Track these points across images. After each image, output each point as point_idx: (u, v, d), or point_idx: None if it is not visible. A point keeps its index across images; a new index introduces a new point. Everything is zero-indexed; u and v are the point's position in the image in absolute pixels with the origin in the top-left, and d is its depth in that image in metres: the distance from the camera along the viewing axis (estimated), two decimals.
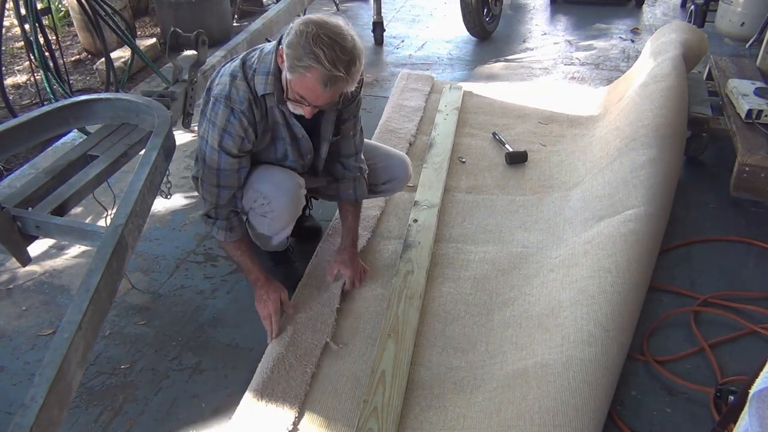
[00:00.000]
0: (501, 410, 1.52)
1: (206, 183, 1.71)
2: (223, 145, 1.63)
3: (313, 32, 1.41)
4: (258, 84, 1.59)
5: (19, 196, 1.56)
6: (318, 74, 1.43)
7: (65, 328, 1.19)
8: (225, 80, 1.61)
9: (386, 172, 2.03)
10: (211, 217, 1.77)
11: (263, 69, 1.59)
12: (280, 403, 1.59)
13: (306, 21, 1.45)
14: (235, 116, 1.59)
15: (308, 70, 1.43)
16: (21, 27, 2.83)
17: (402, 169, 2.05)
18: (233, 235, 1.79)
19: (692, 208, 2.41)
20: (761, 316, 1.88)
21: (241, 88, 1.59)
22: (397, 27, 4.56)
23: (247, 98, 1.59)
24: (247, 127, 1.62)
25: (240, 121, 1.60)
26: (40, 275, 2.13)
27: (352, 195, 1.93)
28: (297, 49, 1.43)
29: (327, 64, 1.41)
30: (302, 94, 1.51)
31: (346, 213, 1.98)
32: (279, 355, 1.71)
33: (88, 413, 1.64)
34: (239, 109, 1.59)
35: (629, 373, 1.71)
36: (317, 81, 1.45)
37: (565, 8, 4.95)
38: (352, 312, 1.91)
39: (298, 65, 1.43)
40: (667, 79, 2.59)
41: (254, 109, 1.61)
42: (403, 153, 2.13)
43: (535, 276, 1.98)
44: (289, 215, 1.82)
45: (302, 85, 1.48)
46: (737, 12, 3.57)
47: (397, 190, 2.14)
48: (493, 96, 3.29)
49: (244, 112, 1.60)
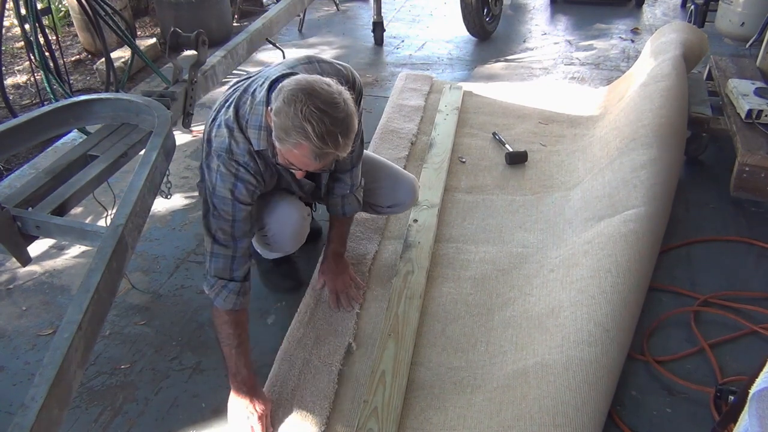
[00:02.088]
0: (501, 410, 1.52)
1: (219, 237, 1.56)
2: (236, 195, 1.53)
3: (302, 102, 1.30)
4: (253, 139, 1.51)
5: (19, 196, 1.56)
6: (306, 150, 1.33)
7: (65, 328, 1.19)
8: (223, 132, 1.52)
9: (393, 196, 1.98)
10: (222, 278, 1.56)
11: (255, 122, 1.49)
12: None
13: (296, 87, 1.33)
14: (242, 167, 1.52)
15: (296, 147, 1.34)
16: (21, 27, 2.83)
17: (409, 194, 1.99)
18: (244, 302, 1.59)
19: (692, 208, 2.41)
20: (761, 316, 1.88)
21: (240, 140, 1.51)
22: (397, 27, 4.56)
23: (247, 150, 1.51)
24: (255, 174, 1.54)
25: (247, 172, 1.52)
26: (40, 275, 2.13)
27: (340, 211, 1.86)
28: (285, 121, 1.32)
29: (316, 140, 1.30)
30: (293, 162, 1.42)
31: (333, 224, 1.94)
32: (304, 360, 1.72)
33: (88, 413, 1.64)
34: (243, 162, 1.51)
35: (629, 373, 1.71)
36: (308, 156, 1.35)
37: (565, 8, 4.95)
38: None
39: (286, 139, 1.33)
40: (667, 79, 2.59)
41: (257, 159, 1.54)
42: (412, 176, 2.04)
43: (535, 276, 1.98)
44: (292, 246, 1.81)
45: (292, 157, 1.39)
46: (737, 12, 3.57)
47: (401, 212, 2.12)
48: (493, 96, 3.29)
49: (248, 163, 1.52)
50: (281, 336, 1.81)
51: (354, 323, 1.85)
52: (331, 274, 1.93)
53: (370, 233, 2.23)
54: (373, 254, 2.13)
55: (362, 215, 2.30)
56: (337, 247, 1.94)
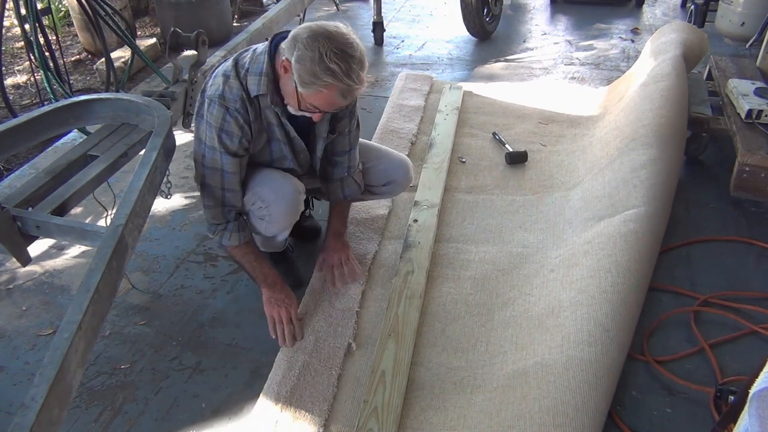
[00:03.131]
0: (501, 410, 1.52)
1: (210, 187, 1.70)
2: (223, 142, 1.62)
3: (324, 47, 1.42)
4: (251, 84, 1.60)
5: (19, 196, 1.56)
6: (336, 89, 1.47)
7: (65, 328, 1.19)
8: (218, 80, 1.62)
9: (386, 174, 2.03)
10: (220, 223, 1.74)
11: (256, 69, 1.59)
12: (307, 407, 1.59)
13: (313, 34, 1.45)
14: (230, 114, 1.60)
15: (326, 87, 1.46)
16: (21, 27, 2.83)
17: (402, 172, 2.04)
18: (245, 236, 1.77)
19: (692, 208, 2.41)
20: (761, 316, 1.88)
21: (234, 86, 1.60)
22: (397, 27, 4.56)
23: (240, 97, 1.59)
24: (243, 125, 1.62)
25: (235, 120, 1.61)
26: (40, 275, 2.13)
27: (341, 194, 1.95)
28: (311, 66, 1.43)
29: (345, 79, 1.44)
30: (318, 105, 1.54)
31: (333, 207, 2.01)
32: (304, 362, 1.71)
33: (88, 413, 1.64)
34: (233, 108, 1.59)
35: (629, 373, 1.71)
36: (335, 95, 1.49)
37: (565, 8, 4.95)
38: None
39: (315, 83, 1.45)
40: (667, 79, 2.59)
41: (248, 107, 1.61)
42: (404, 156, 2.12)
43: (535, 276, 1.98)
44: (287, 220, 1.82)
45: (319, 99, 1.51)
46: (737, 12, 3.57)
47: (397, 193, 2.14)
48: (493, 96, 3.29)
49: (239, 110, 1.60)
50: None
51: (354, 323, 1.85)
52: (330, 251, 1.98)
53: (370, 233, 2.23)
54: (373, 254, 2.13)
55: (361, 215, 2.30)
56: (338, 227, 2.00)
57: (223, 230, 1.74)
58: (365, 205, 2.33)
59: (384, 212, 2.34)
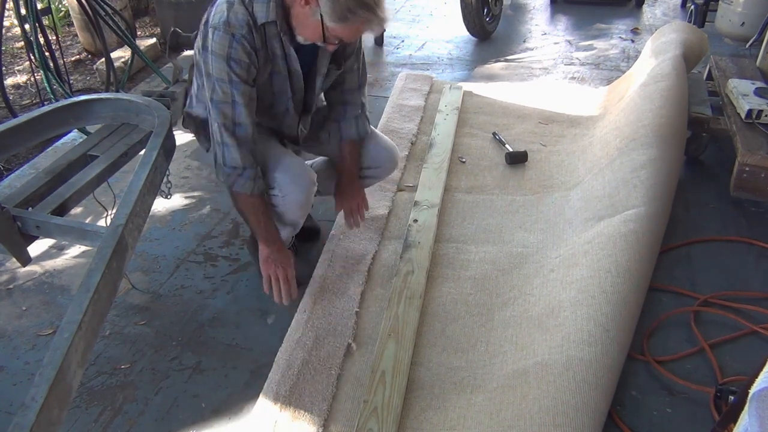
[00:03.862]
0: (501, 410, 1.52)
1: (225, 126, 1.60)
2: (233, 70, 1.54)
3: None
4: (258, 11, 1.54)
5: (19, 196, 1.56)
6: (369, 23, 1.51)
7: (65, 328, 1.19)
8: (222, 8, 1.55)
9: (370, 156, 2.00)
10: (236, 167, 1.63)
11: None
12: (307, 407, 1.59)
13: None
14: (237, 41, 1.53)
15: (362, 23, 1.50)
16: (21, 27, 2.83)
17: (388, 156, 2.02)
18: (259, 185, 1.68)
19: (692, 208, 2.41)
20: (761, 316, 1.88)
21: (240, 12, 1.53)
22: (397, 27, 4.56)
23: (246, 22, 1.53)
24: (250, 51, 1.55)
25: (242, 46, 1.54)
26: (40, 275, 2.14)
27: (355, 132, 1.91)
28: (346, 2, 1.45)
29: (378, 11, 1.49)
30: (343, 37, 1.55)
31: (345, 150, 1.94)
32: (303, 361, 1.71)
33: (88, 413, 1.64)
34: (240, 34, 1.53)
35: (629, 373, 1.71)
36: (367, 27, 1.53)
37: (565, 8, 4.95)
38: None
39: (351, 17, 1.47)
40: (667, 79, 2.59)
41: (254, 34, 1.55)
42: (392, 143, 2.08)
43: (535, 276, 1.98)
44: (300, 212, 1.81)
45: (349, 31, 1.53)
46: (737, 12, 3.57)
47: (381, 179, 2.13)
48: (493, 96, 3.29)
49: (245, 36, 1.53)
50: (281, 336, 1.81)
51: (354, 323, 1.85)
52: (346, 194, 1.98)
53: (370, 233, 2.23)
54: (373, 254, 2.13)
55: None
56: (352, 167, 1.97)
57: (239, 175, 1.64)
58: (371, 204, 2.32)
59: (384, 212, 2.34)
